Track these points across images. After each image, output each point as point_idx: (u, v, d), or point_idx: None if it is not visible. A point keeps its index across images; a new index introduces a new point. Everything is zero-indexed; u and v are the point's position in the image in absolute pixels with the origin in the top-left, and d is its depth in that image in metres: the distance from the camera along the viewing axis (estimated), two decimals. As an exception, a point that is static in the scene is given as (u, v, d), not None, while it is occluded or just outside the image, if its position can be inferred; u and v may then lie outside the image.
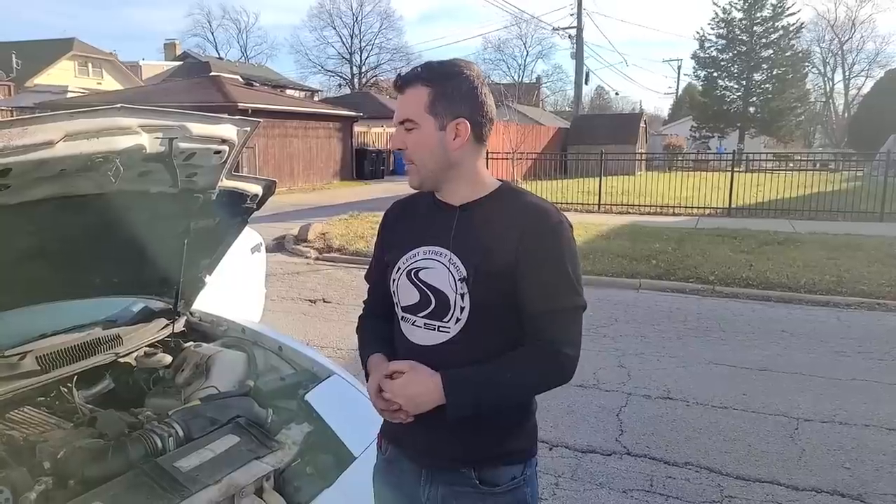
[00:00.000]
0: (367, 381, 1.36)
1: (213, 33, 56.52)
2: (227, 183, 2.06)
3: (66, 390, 1.92)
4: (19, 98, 23.68)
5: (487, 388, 1.26)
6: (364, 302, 1.56)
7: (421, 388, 1.24)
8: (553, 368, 1.28)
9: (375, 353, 1.39)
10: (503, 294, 1.27)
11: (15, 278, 1.81)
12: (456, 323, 1.29)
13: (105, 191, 1.68)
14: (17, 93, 25.61)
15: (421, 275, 1.32)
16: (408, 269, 1.34)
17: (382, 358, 1.36)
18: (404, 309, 1.36)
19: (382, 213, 1.53)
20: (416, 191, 1.40)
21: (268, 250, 5.67)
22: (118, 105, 1.54)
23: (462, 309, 1.28)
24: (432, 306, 1.31)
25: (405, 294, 1.35)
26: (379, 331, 1.45)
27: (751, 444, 3.58)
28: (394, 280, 1.37)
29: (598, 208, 13.80)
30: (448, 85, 1.28)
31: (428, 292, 1.31)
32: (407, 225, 1.43)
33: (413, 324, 1.35)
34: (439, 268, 1.30)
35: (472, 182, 1.34)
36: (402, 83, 1.30)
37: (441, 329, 1.31)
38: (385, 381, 1.28)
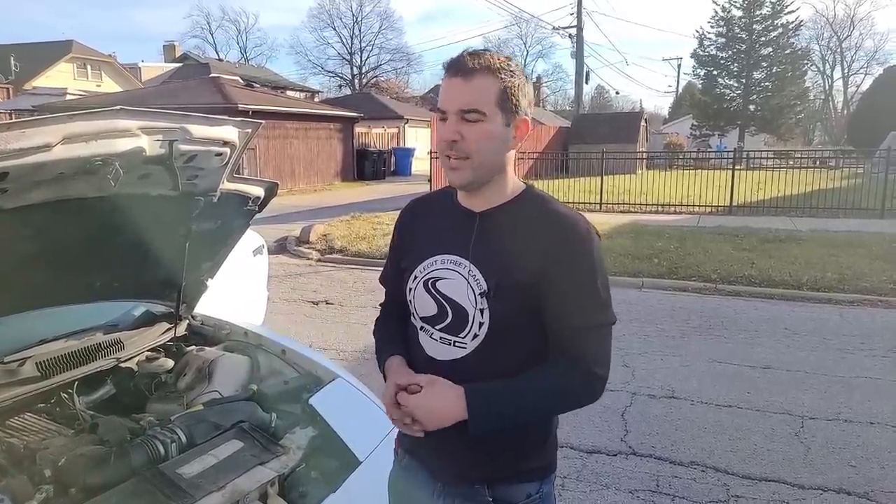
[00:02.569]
0: (385, 384, 1.28)
1: (212, 35, 56.55)
2: (228, 185, 2.04)
3: (66, 396, 1.90)
4: (18, 100, 23.65)
5: (512, 405, 1.18)
6: (380, 304, 1.50)
7: (442, 401, 1.17)
8: (582, 388, 1.22)
9: (394, 356, 1.32)
10: (525, 308, 1.20)
11: (14, 283, 1.79)
12: (473, 339, 1.22)
13: (105, 194, 1.66)
14: (16, 95, 25.56)
15: (439, 285, 1.25)
16: (425, 278, 1.27)
17: (402, 362, 1.29)
18: (422, 319, 1.29)
19: (384, 214, 1.51)
20: (434, 190, 1.36)
21: (269, 252, 5.65)
22: (117, 107, 1.52)
23: (481, 325, 1.21)
24: (449, 319, 1.24)
25: (422, 305, 1.28)
26: (396, 332, 1.39)
27: (756, 442, 3.56)
28: (410, 289, 1.30)
29: (600, 207, 13.76)
30: (516, 80, 1.20)
31: (445, 305, 1.24)
32: (424, 229, 1.35)
33: (430, 336, 1.28)
34: (458, 279, 1.23)
35: (503, 185, 1.27)
36: (470, 70, 1.17)
37: (457, 345, 1.24)
38: (402, 394, 1.20)
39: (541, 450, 1.31)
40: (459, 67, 1.18)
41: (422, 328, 1.30)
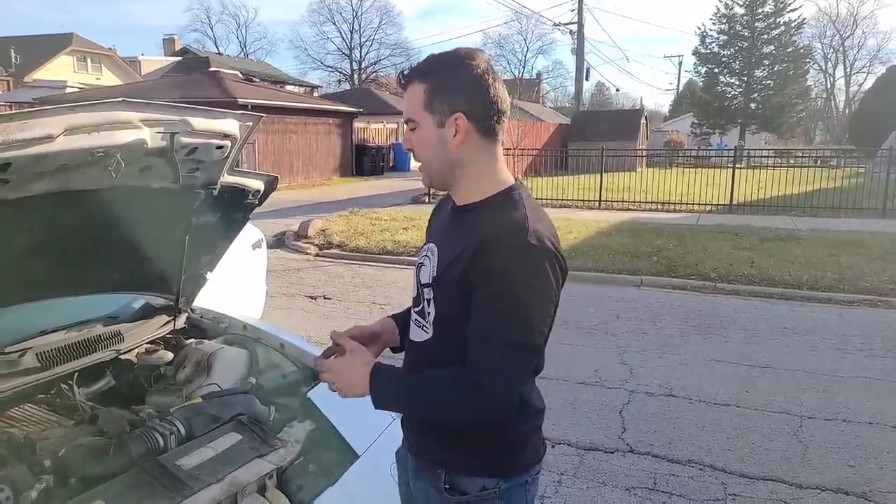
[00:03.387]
0: None
1: (212, 29, 56.44)
2: (228, 179, 2.04)
3: (66, 387, 1.90)
4: (18, 93, 23.58)
5: (405, 393, 1.24)
6: None
7: (351, 370, 1.27)
8: (467, 400, 1.16)
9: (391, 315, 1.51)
10: (461, 307, 1.18)
11: (15, 274, 1.79)
12: (430, 325, 1.28)
13: (106, 186, 1.66)
14: (16, 88, 25.51)
15: (420, 271, 1.32)
16: (417, 263, 1.35)
17: (362, 329, 1.48)
18: (412, 301, 1.37)
19: (382, 210, 1.56)
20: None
21: (268, 246, 5.65)
22: (119, 99, 1.52)
23: (428, 313, 1.28)
24: (421, 304, 1.31)
25: (413, 287, 1.36)
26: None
27: (754, 441, 3.57)
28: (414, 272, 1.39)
29: (599, 205, 13.78)
30: (444, 77, 1.19)
31: (419, 289, 1.32)
32: (434, 219, 1.44)
33: (411, 317, 1.37)
34: (427, 266, 1.29)
35: (477, 182, 1.25)
36: (405, 81, 1.24)
37: (424, 328, 1.31)
38: (321, 361, 1.34)
39: (499, 446, 1.27)
40: (397, 81, 1.27)
41: (410, 310, 1.39)
